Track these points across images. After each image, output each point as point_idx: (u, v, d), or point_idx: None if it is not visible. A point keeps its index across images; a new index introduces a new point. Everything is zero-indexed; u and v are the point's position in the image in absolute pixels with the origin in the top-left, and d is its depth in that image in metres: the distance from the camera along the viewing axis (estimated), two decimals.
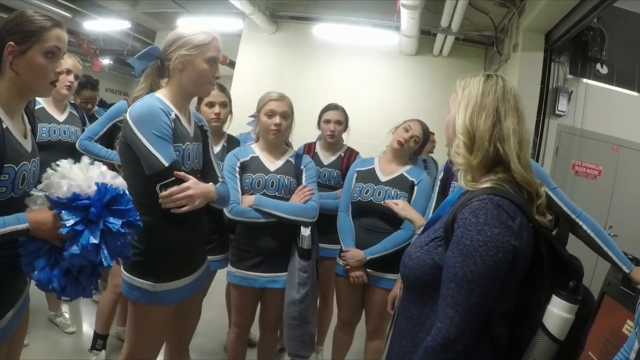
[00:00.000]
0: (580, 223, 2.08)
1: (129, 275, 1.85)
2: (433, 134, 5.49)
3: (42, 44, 1.46)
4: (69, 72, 2.87)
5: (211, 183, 1.91)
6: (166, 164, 1.70)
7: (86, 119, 3.26)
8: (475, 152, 1.25)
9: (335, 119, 3.16)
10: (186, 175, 1.76)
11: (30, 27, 1.45)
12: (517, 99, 1.31)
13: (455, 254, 1.15)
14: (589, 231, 2.08)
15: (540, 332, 1.19)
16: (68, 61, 2.85)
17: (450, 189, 2.36)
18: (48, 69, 1.49)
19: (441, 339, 1.13)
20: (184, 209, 1.74)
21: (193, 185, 1.76)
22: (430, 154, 5.54)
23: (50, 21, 1.49)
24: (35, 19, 1.47)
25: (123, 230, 1.47)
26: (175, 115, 1.84)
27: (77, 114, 3.15)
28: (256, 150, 2.57)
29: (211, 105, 2.68)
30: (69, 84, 2.89)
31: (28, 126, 1.58)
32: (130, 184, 1.84)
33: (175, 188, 1.72)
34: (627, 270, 2.07)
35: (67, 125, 2.98)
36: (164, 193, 1.71)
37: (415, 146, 2.70)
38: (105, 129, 2.89)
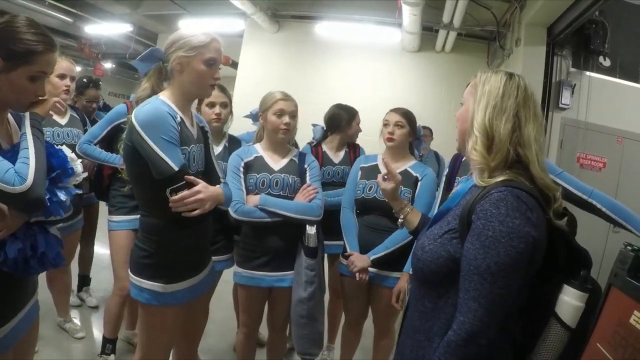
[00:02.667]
0: (594, 202, 2.06)
1: (137, 278, 1.86)
2: (427, 127, 5.49)
3: (29, 68, 1.42)
4: (63, 76, 2.86)
5: (218, 185, 1.92)
6: (176, 169, 1.71)
7: (87, 120, 3.28)
8: (494, 154, 1.23)
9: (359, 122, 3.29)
10: (196, 179, 1.77)
11: (19, 47, 1.39)
12: (536, 104, 1.30)
13: (477, 245, 1.14)
14: (604, 209, 2.06)
15: (553, 320, 1.22)
16: (62, 64, 2.84)
17: (455, 183, 2.34)
18: (30, 92, 1.46)
19: (465, 333, 1.12)
20: (196, 212, 1.75)
21: (203, 189, 1.77)
22: (431, 150, 5.52)
23: (42, 45, 1.43)
24: (26, 40, 1.40)
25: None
26: (180, 118, 1.85)
27: (77, 116, 3.19)
28: (260, 150, 2.58)
29: (212, 105, 2.68)
30: (66, 88, 2.88)
31: (16, 131, 1.55)
32: (136, 187, 1.86)
33: (186, 192, 1.73)
34: None
35: (69, 128, 3.04)
36: (175, 197, 1.72)
37: (405, 130, 2.65)
38: (105, 132, 2.88)
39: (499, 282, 1.12)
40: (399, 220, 1.86)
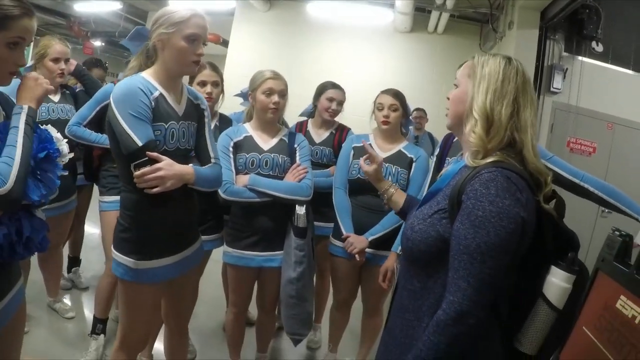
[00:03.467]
0: (586, 186, 2.07)
1: (115, 251, 1.87)
2: (421, 109, 5.49)
3: (5, 34, 1.38)
4: (57, 60, 2.86)
5: (191, 165, 1.89)
6: (140, 144, 1.70)
7: (76, 94, 3.25)
8: (491, 137, 1.23)
9: (339, 99, 3.13)
10: (159, 156, 1.74)
11: None
12: (532, 89, 1.31)
13: (467, 225, 1.15)
14: (596, 192, 2.06)
15: (540, 301, 1.23)
16: (56, 47, 2.84)
17: (445, 163, 2.33)
18: (8, 60, 1.42)
19: (454, 312, 1.13)
20: (155, 190, 1.73)
21: (165, 167, 1.74)
22: (426, 131, 5.53)
23: (19, 9, 1.39)
24: (2, 5, 1.36)
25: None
26: (160, 94, 1.83)
27: (68, 92, 3.18)
28: (249, 129, 2.55)
29: (203, 84, 2.65)
30: (60, 71, 2.89)
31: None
32: (117, 163, 1.88)
33: (146, 168, 1.71)
34: None
35: (62, 104, 3.05)
36: (136, 173, 1.71)
37: (399, 113, 2.65)
38: (94, 113, 2.85)
39: (488, 262, 1.12)
40: (384, 202, 1.86)
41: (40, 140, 1.53)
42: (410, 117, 2.88)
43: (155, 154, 1.73)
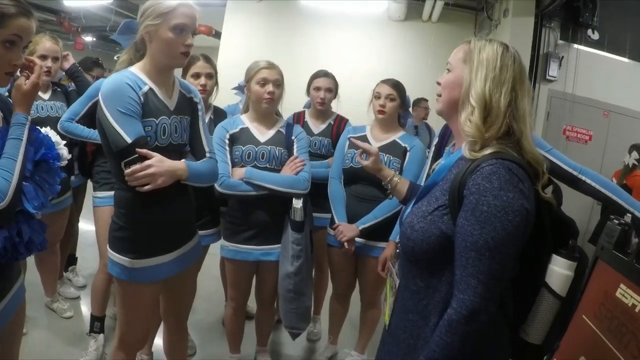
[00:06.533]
0: (584, 178, 2.06)
1: (110, 250, 1.84)
2: (426, 100, 5.48)
3: (1, 32, 1.36)
4: (44, 57, 2.80)
5: (183, 160, 1.86)
6: (129, 141, 1.67)
7: (68, 92, 3.21)
8: (489, 126, 1.21)
9: (325, 87, 3.10)
10: (149, 152, 1.71)
11: None
12: (527, 79, 1.29)
13: (472, 221, 1.12)
14: (593, 184, 2.05)
15: (544, 290, 1.24)
16: (44, 45, 2.80)
17: (443, 155, 2.32)
18: (5, 59, 1.40)
19: (466, 311, 1.10)
20: (146, 187, 1.70)
21: (156, 163, 1.71)
22: (424, 121, 5.52)
23: (15, 7, 1.37)
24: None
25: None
26: (150, 89, 1.79)
27: (59, 89, 3.14)
28: (246, 121, 2.52)
29: (197, 76, 2.62)
30: (47, 69, 2.82)
31: None
32: (108, 160, 1.85)
33: (137, 166, 1.68)
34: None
35: (52, 102, 3.00)
36: (127, 171, 1.68)
37: (396, 104, 2.63)
38: (86, 108, 2.80)
39: (496, 257, 1.10)
40: (388, 190, 1.84)
41: (42, 145, 1.52)
42: (410, 110, 2.87)
43: (145, 151, 1.70)
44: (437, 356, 1.14)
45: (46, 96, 3.00)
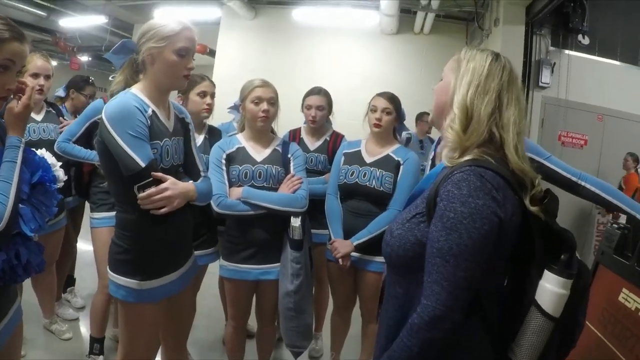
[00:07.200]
0: (583, 183, 2.05)
1: (114, 274, 1.82)
2: (429, 114, 5.49)
3: None
4: (36, 75, 2.78)
5: (191, 181, 1.87)
6: (143, 165, 1.66)
7: (63, 113, 3.20)
8: (469, 134, 1.19)
9: (316, 105, 3.10)
10: (164, 175, 1.72)
11: None
12: (519, 88, 1.26)
13: (439, 227, 1.11)
14: (593, 189, 2.03)
15: (533, 309, 1.15)
16: (36, 63, 2.77)
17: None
18: None
19: (427, 317, 1.09)
20: (163, 210, 1.71)
21: (171, 186, 1.72)
22: (427, 135, 5.53)
23: (9, 32, 1.37)
24: None
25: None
26: (153, 111, 1.79)
27: (53, 110, 3.12)
28: (242, 140, 2.52)
29: (204, 95, 2.63)
30: (39, 87, 2.80)
31: None
32: (110, 183, 1.85)
33: (153, 190, 1.68)
34: None
35: (45, 124, 2.97)
36: (142, 195, 1.68)
37: (392, 117, 2.63)
38: (83, 129, 2.81)
39: (462, 264, 1.08)
40: None
41: (39, 168, 1.53)
42: (405, 125, 2.86)
43: (160, 174, 1.71)
44: (396, 356, 1.14)
45: (39, 117, 2.96)
